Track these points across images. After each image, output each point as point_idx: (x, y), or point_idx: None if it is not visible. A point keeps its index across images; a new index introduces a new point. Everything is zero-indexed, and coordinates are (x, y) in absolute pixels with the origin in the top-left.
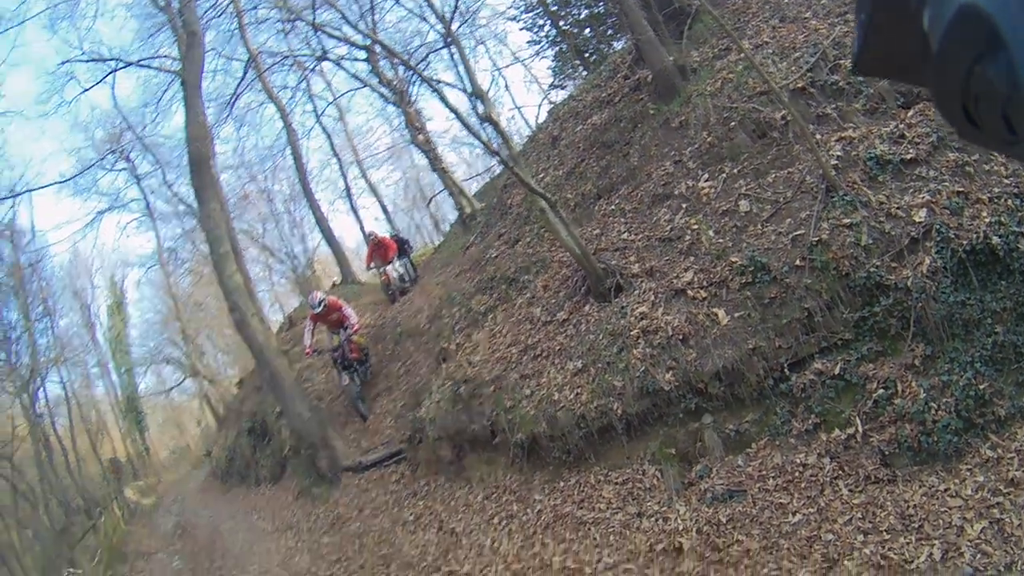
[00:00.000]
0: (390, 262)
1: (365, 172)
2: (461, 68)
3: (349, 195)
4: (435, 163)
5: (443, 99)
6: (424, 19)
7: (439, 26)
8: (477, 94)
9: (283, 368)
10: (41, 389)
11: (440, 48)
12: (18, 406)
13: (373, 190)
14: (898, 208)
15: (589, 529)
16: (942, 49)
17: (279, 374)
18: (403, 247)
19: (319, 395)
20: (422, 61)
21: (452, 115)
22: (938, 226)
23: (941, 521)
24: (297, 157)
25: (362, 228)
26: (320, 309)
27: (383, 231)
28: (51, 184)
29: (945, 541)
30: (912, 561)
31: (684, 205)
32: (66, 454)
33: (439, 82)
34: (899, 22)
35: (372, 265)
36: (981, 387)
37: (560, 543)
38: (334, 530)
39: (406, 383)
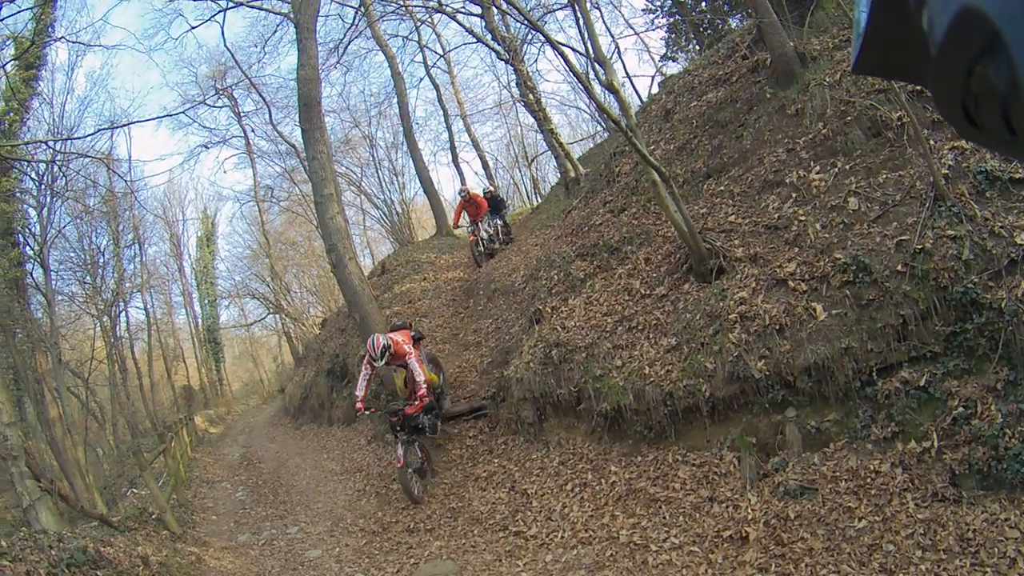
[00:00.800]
0: (480, 221)
1: (469, 126)
2: (582, 30)
3: (452, 148)
4: (543, 124)
5: (566, 61)
6: None
7: None
8: (599, 60)
9: (374, 312)
10: (124, 313)
11: (557, 9)
12: (99, 329)
13: (475, 145)
14: (1001, 227)
15: (660, 507)
16: (942, 49)
17: (370, 318)
18: (497, 205)
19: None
20: (538, 21)
21: (572, 77)
22: None
23: (997, 550)
24: (403, 106)
25: (463, 180)
26: (382, 361)
27: (477, 188)
28: (153, 119)
29: (997, 571)
30: None
31: (793, 195)
32: (140, 378)
33: (561, 44)
34: (899, 22)
35: (461, 224)
36: None
37: (630, 517)
38: None
39: (495, 340)
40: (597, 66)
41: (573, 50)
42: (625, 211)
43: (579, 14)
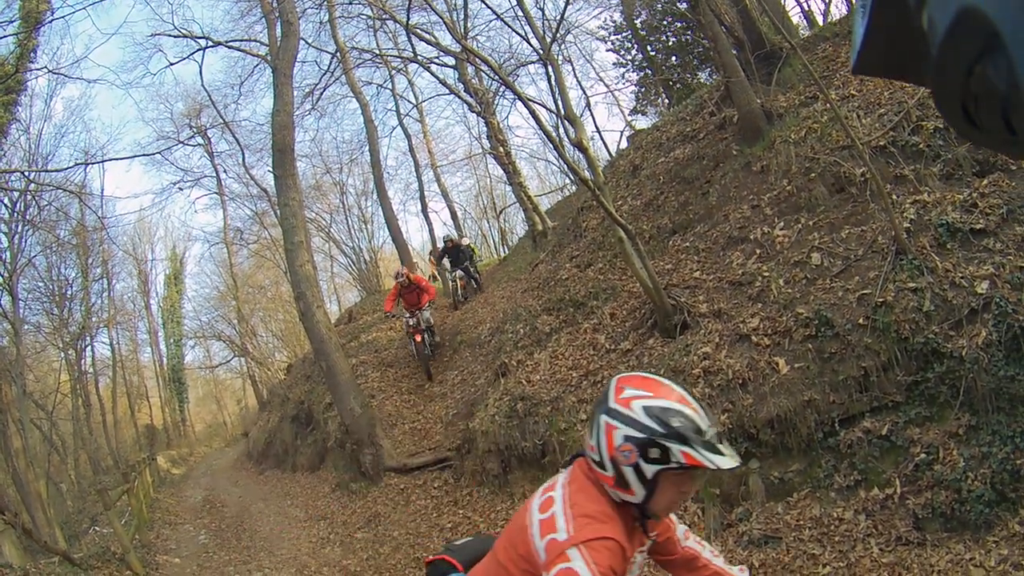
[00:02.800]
0: (419, 311)
1: (439, 176)
2: (553, 88)
3: (422, 197)
4: (512, 176)
5: (536, 118)
6: (524, 38)
7: (536, 42)
8: (569, 117)
9: (340, 361)
10: (90, 348)
11: (531, 63)
12: (64, 361)
13: (445, 195)
14: (962, 278)
15: None
16: (942, 49)
17: (336, 367)
18: (458, 256)
19: (372, 392)
20: (510, 74)
21: (542, 135)
22: (998, 299)
23: None
24: (374, 153)
25: (431, 231)
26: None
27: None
28: (127, 157)
29: None
30: None
31: (758, 251)
32: (104, 414)
33: (534, 100)
34: (899, 22)
35: (392, 312)
36: (1018, 462)
37: None
38: (369, 527)
39: (461, 392)
40: (567, 123)
41: (543, 106)
42: (591, 266)
43: (550, 71)
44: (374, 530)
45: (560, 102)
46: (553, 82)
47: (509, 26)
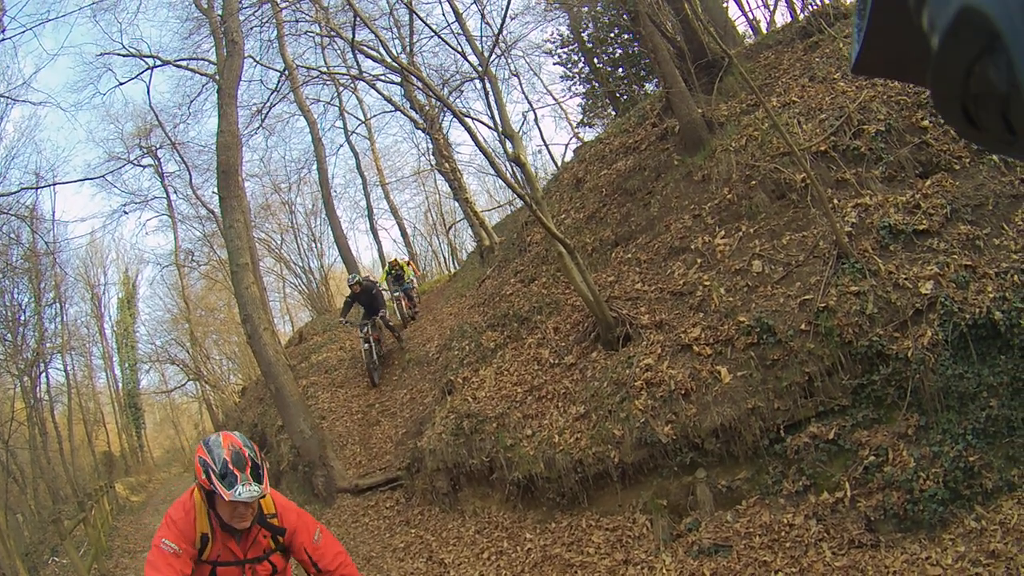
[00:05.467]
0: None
1: (388, 194)
2: (494, 104)
3: (370, 216)
4: (458, 192)
5: (474, 137)
6: (461, 55)
7: (474, 59)
8: (507, 134)
9: (289, 383)
10: (44, 374)
11: (473, 78)
12: (19, 389)
13: (394, 212)
14: (906, 279)
15: (576, 572)
16: (942, 49)
17: (284, 389)
18: (372, 301)
19: (322, 414)
20: (455, 90)
21: (479, 151)
22: (943, 299)
23: None
24: (322, 172)
25: (380, 248)
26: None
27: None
28: (77, 180)
29: None
30: None
31: (699, 260)
32: (61, 442)
33: (469, 116)
34: (899, 22)
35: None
36: (971, 459)
37: None
38: None
39: (410, 410)
40: (506, 139)
41: (482, 123)
42: (535, 281)
43: (488, 87)
44: None
45: (499, 118)
46: (491, 98)
47: (447, 43)
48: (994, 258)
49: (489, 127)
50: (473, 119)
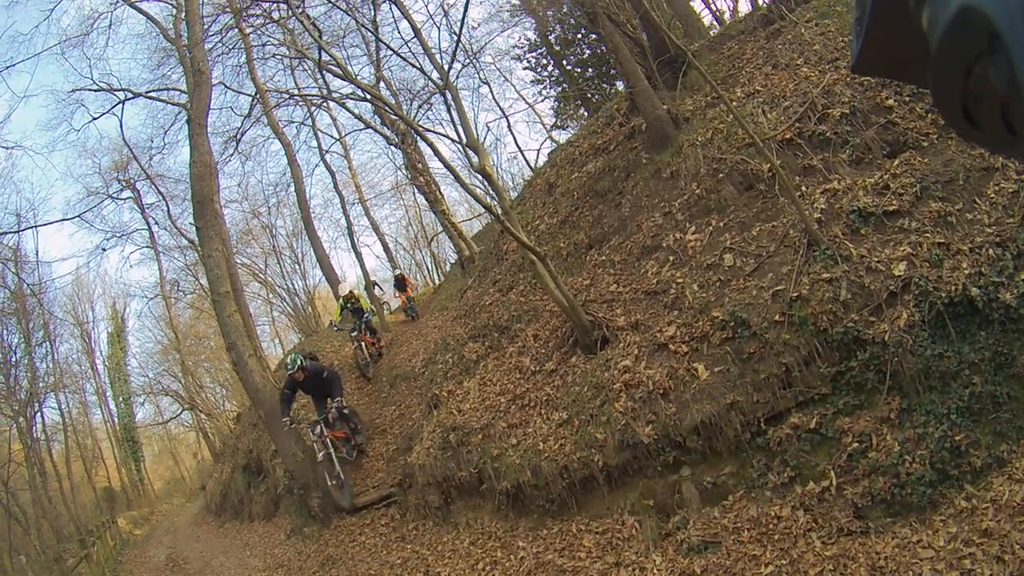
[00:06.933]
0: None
1: (368, 210)
2: (453, 117)
3: (350, 234)
4: (435, 205)
5: (437, 152)
6: (420, 70)
7: (436, 75)
8: (471, 146)
9: (278, 408)
10: (39, 414)
11: (434, 93)
12: (15, 430)
13: (375, 228)
14: (878, 261)
15: None
16: (941, 48)
17: (273, 413)
18: (319, 383)
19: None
20: (424, 103)
21: (443, 165)
22: (917, 279)
23: (911, 573)
24: (300, 193)
25: (363, 266)
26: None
27: (384, 271)
28: (56, 221)
29: None
30: None
31: (671, 258)
32: (60, 480)
33: (432, 131)
34: (898, 22)
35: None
36: (957, 438)
37: None
38: (323, 570)
39: (399, 427)
40: (470, 152)
41: (446, 136)
42: (513, 289)
43: (450, 101)
44: (327, 573)
45: (462, 130)
46: (454, 111)
47: (406, 60)
48: (968, 233)
49: (453, 140)
50: (437, 134)
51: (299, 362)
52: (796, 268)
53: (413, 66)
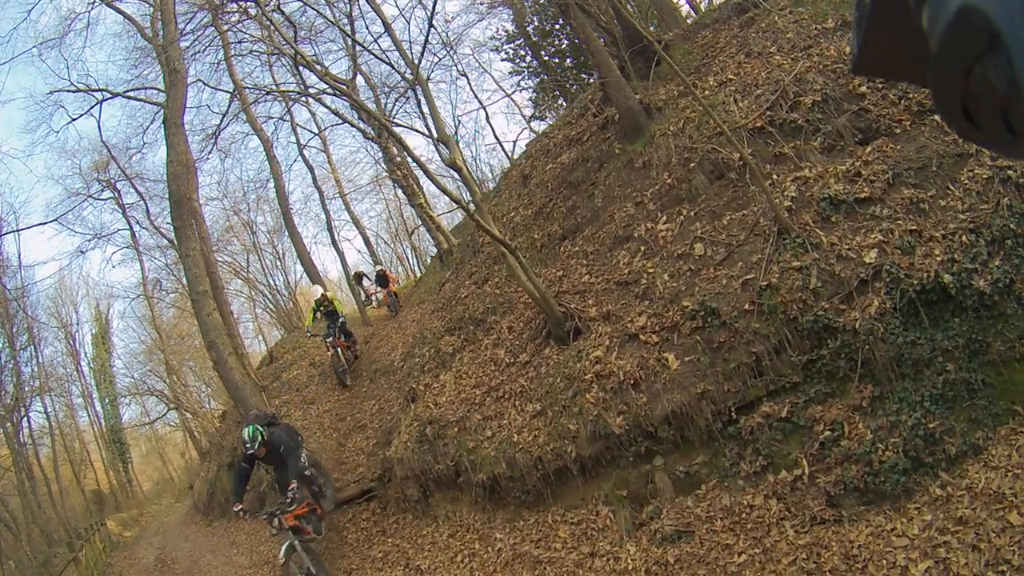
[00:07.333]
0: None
1: (349, 204)
2: (424, 112)
3: (330, 229)
4: (412, 199)
5: (406, 148)
6: (391, 66)
7: (408, 72)
8: (442, 140)
9: (259, 406)
10: (25, 418)
11: (405, 88)
12: (1, 435)
13: (356, 223)
14: (849, 249)
15: (545, 568)
16: (941, 48)
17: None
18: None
19: (296, 431)
20: (401, 96)
21: (412, 161)
22: (888, 266)
23: (885, 561)
24: (280, 189)
25: (343, 261)
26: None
27: (365, 266)
28: (36, 225)
29: None
30: None
31: (642, 248)
32: (49, 484)
33: (402, 127)
34: (898, 22)
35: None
36: (931, 426)
37: None
38: None
39: (379, 421)
40: (441, 145)
41: (419, 131)
42: (488, 281)
43: (420, 97)
44: None
45: (433, 125)
46: (424, 106)
47: (377, 56)
48: (940, 220)
49: (424, 135)
50: (410, 128)
51: (260, 438)
52: (766, 257)
53: (383, 61)
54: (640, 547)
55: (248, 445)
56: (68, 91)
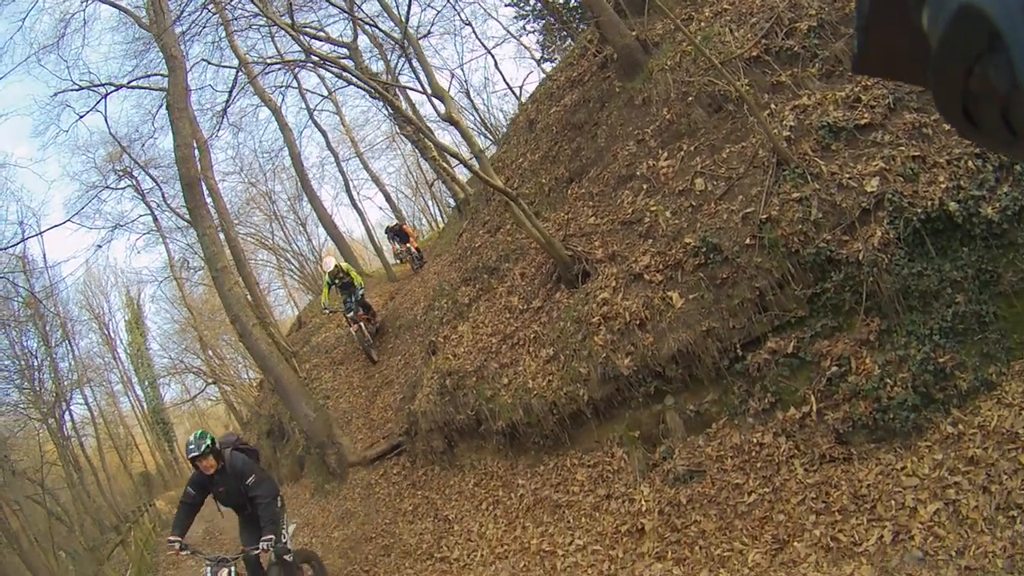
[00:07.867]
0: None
1: (366, 163)
2: (415, 68)
3: (348, 189)
4: (425, 152)
5: (395, 108)
6: (376, 26)
7: (396, 31)
8: (437, 95)
9: (286, 372)
10: (67, 412)
11: (394, 45)
12: (46, 431)
13: (375, 180)
14: (850, 178)
15: (564, 512)
16: (941, 48)
17: (283, 378)
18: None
19: (326, 394)
20: (403, 54)
21: (404, 119)
22: (890, 195)
23: (894, 502)
24: (294, 156)
25: (364, 220)
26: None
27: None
28: (56, 226)
29: (897, 523)
30: (861, 543)
31: (645, 186)
32: (96, 473)
33: (397, 86)
34: (898, 22)
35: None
36: (941, 360)
37: (538, 526)
38: (343, 524)
39: (404, 376)
40: (436, 100)
41: (413, 89)
42: (500, 229)
43: (410, 54)
44: (348, 526)
45: (426, 81)
46: (415, 63)
47: (356, 20)
48: (945, 145)
49: (419, 91)
50: (407, 88)
51: (205, 444)
52: (766, 189)
53: (368, 24)
54: (654, 488)
55: (192, 447)
56: (72, 90)
